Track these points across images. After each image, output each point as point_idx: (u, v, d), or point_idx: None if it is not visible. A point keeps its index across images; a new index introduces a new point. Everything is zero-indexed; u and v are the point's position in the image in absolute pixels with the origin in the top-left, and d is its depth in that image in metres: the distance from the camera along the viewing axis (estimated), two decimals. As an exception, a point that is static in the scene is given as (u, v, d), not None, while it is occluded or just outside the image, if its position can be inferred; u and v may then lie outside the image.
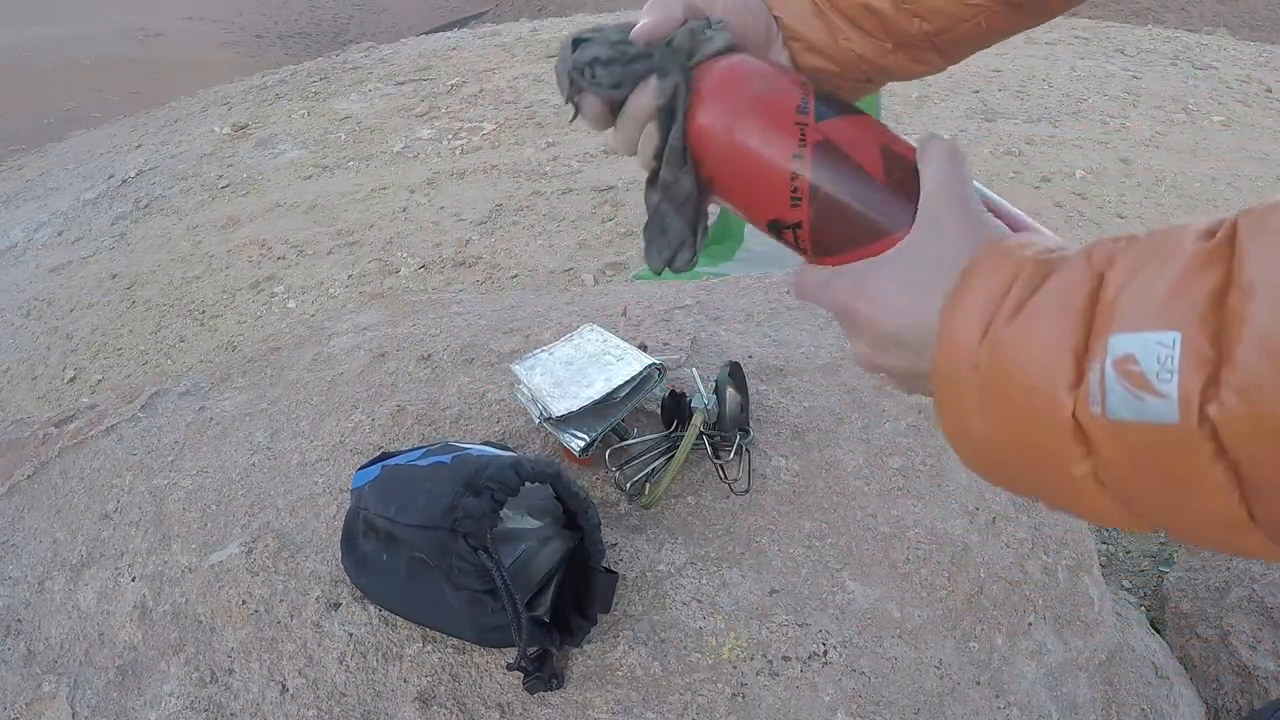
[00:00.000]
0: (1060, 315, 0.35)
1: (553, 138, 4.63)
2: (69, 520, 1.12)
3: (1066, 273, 0.37)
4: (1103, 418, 0.33)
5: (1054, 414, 0.35)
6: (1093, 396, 0.33)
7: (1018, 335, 0.36)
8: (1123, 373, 0.33)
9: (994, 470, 0.41)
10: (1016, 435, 0.37)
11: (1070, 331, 0.35)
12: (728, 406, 1.06)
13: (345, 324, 1.47)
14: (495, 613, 0.79)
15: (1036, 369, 0.35)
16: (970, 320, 0.39)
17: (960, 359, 0.39)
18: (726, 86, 0.49)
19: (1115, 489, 0.35)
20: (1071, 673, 1.02)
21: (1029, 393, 0.36)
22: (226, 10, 11.42)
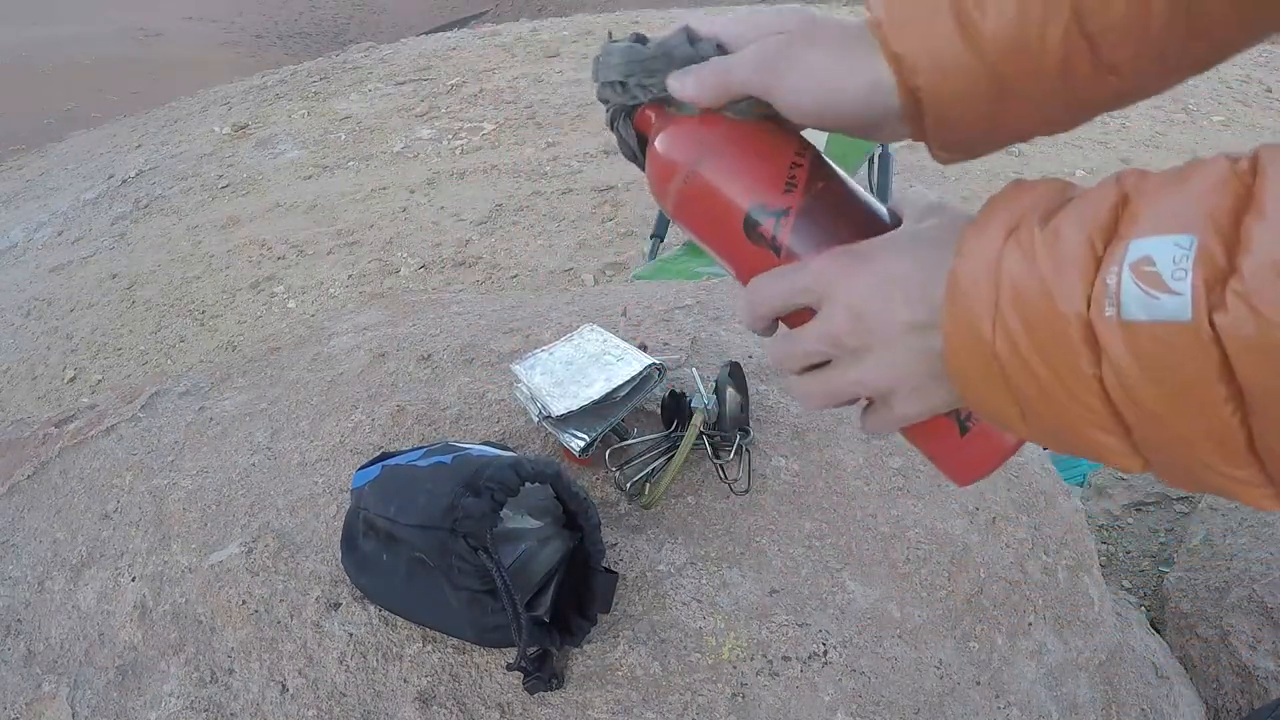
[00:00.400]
0: (1084, 223, 0.36)
1: (553, 138, 4.63)
2: (69, 520, 1.12)
3: (1096, 189, 0.37)
4: (1116, 319, 0.33)
5: (1069, 315, 0.35)
6: (1108, 299, 0.34)
7: (1044, 239, 0.36)
8: (1139, 273, 0.33)
9: (999, 387, 0.39)
10: (1028, 339, 0.37)
11: (1092, 238, 0.35)
12: (728, 406, 1.06)
13: (345, 324, 1.47)
14: (495, 613, 0.79)
15: (1056, 272, 0.35)
16: (996, 229, 0.38)
17: (981, 260, 0.38)
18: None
19: (1118, 396, 0.35)
20: (1071, 673, 1.02)
21: (1045, 295, 0.35)
22: (226, 10, 11.43)
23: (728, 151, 0.48)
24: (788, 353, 0.46)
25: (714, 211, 0.48)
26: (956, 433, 0.48)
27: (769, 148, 0.48)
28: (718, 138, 0.48)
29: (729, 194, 0.47)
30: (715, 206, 0.48)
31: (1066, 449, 0.39)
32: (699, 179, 0.48)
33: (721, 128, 0.48)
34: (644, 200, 3.86)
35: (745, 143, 0.48)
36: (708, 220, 0.49)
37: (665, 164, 0.49)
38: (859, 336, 0.43)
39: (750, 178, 0.47)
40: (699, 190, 0.48)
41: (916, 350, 0.42)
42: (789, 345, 0.46)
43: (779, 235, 0.46)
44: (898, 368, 0.43)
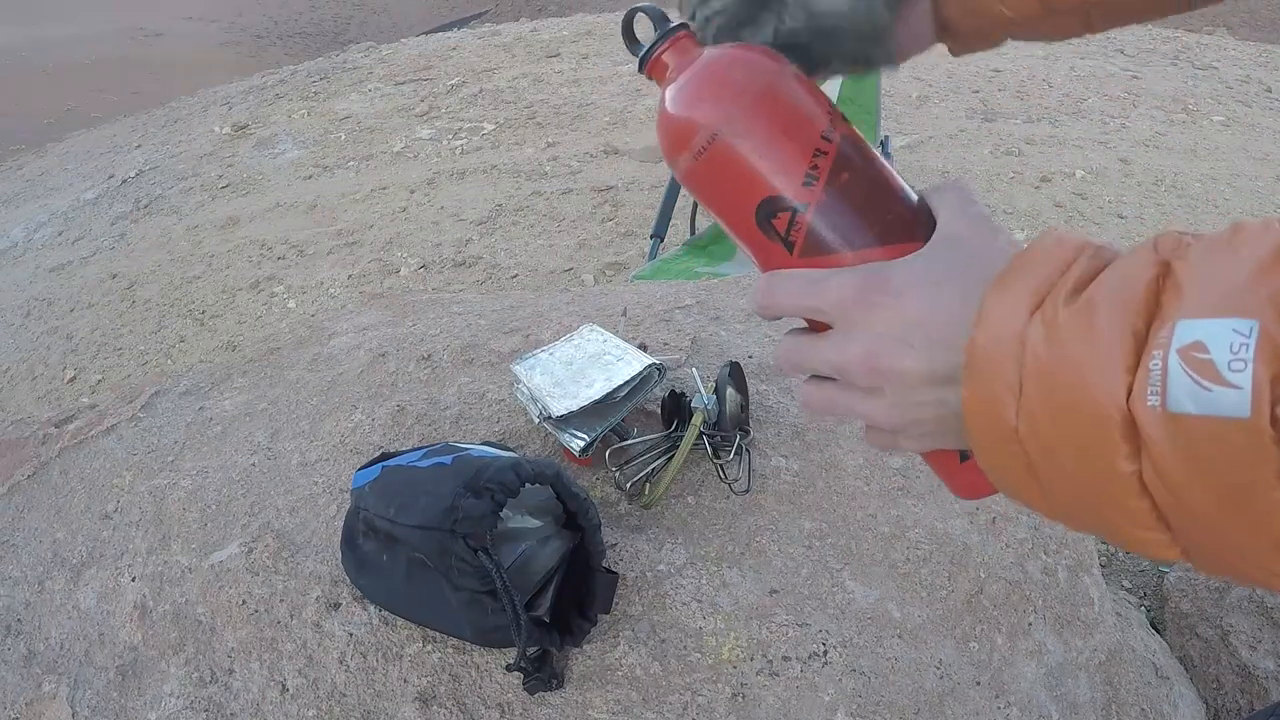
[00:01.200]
0: (1122, 300, 0.32)
1: (553, 138, 4.63)
2: (69, 520, 1.12)
3: (1131, 258, 0.33)
4: (1161, 409, 0.30)
5: (1105, 403, 0.31)
6: (1152, 387, 0.30)
7: (1074, 318, 0.33)
8: (1189, 360, 0.29)
9: (1021, 470, 0.36)
10: (1056, 424, 0.33)
11: (1131, 317, 0.31)
12: (728, 406, 1.06)
13: (345, 324, 1.47)
14: (495, 613, 0.79)
15: (1089, 355, 0.32)
16: (1021, 297, 0.35)
17: (1004, 335, 0.35)
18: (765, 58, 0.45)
19: (1161, 497, 0.31)
20: (1071, 673, 1.02)
21: (1077, 380, 0.32)
22: (226, 10, 11.43)
23: (750, 122, 0.43)
24: (795, 360, 0.44)
25: (727, 193, 0.44)
26: (956, 459, 0.45)
27: (794, 122, 0.43)
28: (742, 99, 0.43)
29: (744, 178, 0.43)
30: (729, 188, 0.44)
31: (1091, 533, 0.36)
32: (715, 153, 0.43)
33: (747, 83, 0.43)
34: (644, 200, 3.86)
35: (770, 113, 0.43)
36: (719, 199, 0.45)
37: (684, 118, 0.44)
38: (872, 378, 0.40)
39: (770, 163, 0.42)
40: (713, 165, 0.44)
41: (932, 403, 0.40)
42: (798, 354, 0.43)
43: (793, 233, 0.43)
44: (910, 415, 0.41)
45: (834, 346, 0.41)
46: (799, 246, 0.43)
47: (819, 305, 0.41)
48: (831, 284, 0.41)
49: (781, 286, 0.43)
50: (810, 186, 0.42)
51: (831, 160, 0.42)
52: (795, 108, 0.43)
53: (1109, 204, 3.77)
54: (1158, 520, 0.32)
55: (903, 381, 0.40)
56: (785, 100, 0.43)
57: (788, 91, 0.44)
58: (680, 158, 0.45)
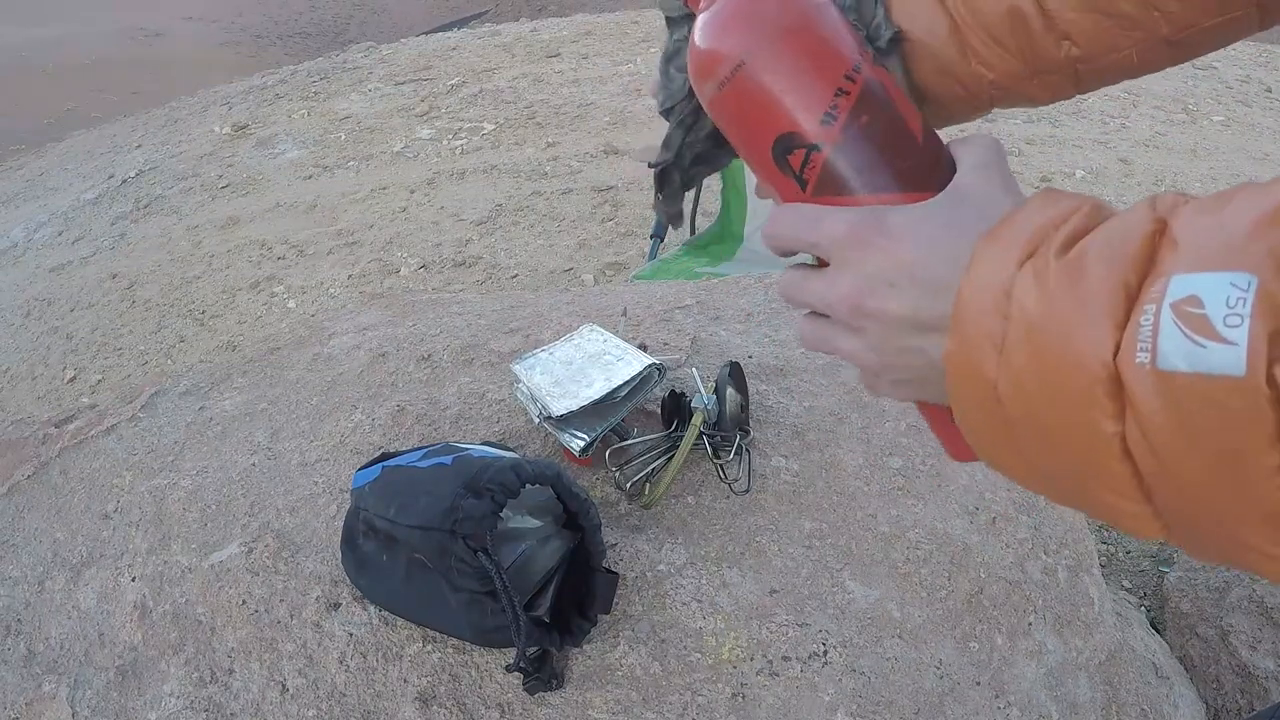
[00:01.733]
0: (1115, 254, 0.31)
1: (553, 138, 4.63)
2: (69, 520, 1.12)
3: (1128, 214, 0.32)
4: (1150, 367, 0.28)
5: (1090, 360, 0.30)
6: (1141, 343, 0.29)
7: (1063, 271, 0.32)
8: (1182, 315, 0.28)
9: (999, 429, 0.35)
10: (1038, 384, 0.32)
11: (1124, 271, 0.30)
12: (728, 406, 1.06)
13: (345, 324, 1.47)
14: (495, 614, 0.79)
15: (1077, 309, 0.30)
16: (1011, 248, 0.34)
17: (990, 286, 0.34)
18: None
19: (1145, 462, 0.30)
20: (1071, 673, 1.02)
21: (1063, 334, 0.31)
22: (226, 10, 11.42)
23: (775, 55, 0.42)
24: (791, 294, 0.44)
25: (747, 125, 0.44)
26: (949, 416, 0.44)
27: (820, 59, 0.42)
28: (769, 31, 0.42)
29: (764, 111, 0.42)
30: (749, 120, 0.43)
31: (1072, 505, 0.35)
32: (738, 83, 0.43)
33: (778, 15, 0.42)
34: (644, 200, 3.86)
35: (796, 48, 0.42)
36: (739, 130, 0.45)
37: (712, 47, 0.44)
38: (856, 318, 0.40)
39: (790, 98, 0.42)
40: (735, 96, 0.43)
41: (913, 349, 0.39)
42: (794, 288, 0.44)
43: (807, 171, 0.42)
44: (889, 359, 0.40)
45: (825, 282, 0.41)
46: (812, 185, 0.42)
47: (816, 240, 0.41)
48: (829, 220, 0.41)
49: (785, 219, 0.43)
50: (828, 125, 0.41)
51: (854, 101, 0.41)
52: (823, 43, 0.42)
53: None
54: (1139, 489, 0.31)
55: (885, 324, 0.39)
56: (814, 35, 0.42)
57: (818, 26, 0.43)
58: (705, 86, 0.44)
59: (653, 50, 5.95)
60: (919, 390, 0.42)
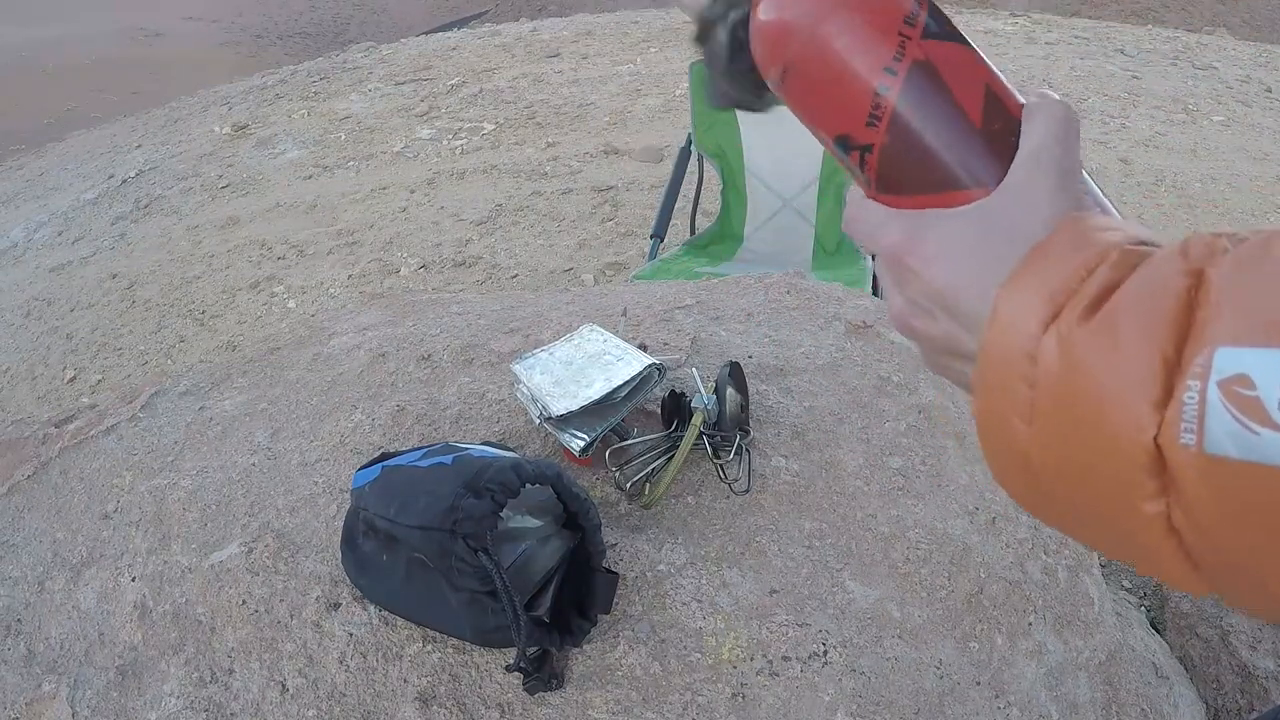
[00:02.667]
0: (1149, 317, 0.29)
1: (553, 138, 4.63)
2: (69, 520, 1.12)
3: (1159, 265, 0.30)
4: (1197, 450, 0.26)
5: (1128, 439, 0.28)
6: (1186, 423, 0.27)
7: (1093, 337, 0.30)
8: (1232, 397, 0.26)
9: (1028, 487, 0.34)
10: (1070, 453, 0.31)
11: (1160, 339, 0.28)
12: (728, 406, 1.06)
13: (345, 324, 1.47)
14: (495, 614, 0.79)
15: (1112, 383, 0.29)
16: (1034, 305, 0.32)
17: (1014, 349, 0.32)
18: None
19: (1192, 541, 0.28)
20: (1071, 673, 1.02)
21: (1097, 408, 0.29)
22: (226, 10, 11.42)
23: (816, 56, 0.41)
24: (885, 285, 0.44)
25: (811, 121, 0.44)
26: None
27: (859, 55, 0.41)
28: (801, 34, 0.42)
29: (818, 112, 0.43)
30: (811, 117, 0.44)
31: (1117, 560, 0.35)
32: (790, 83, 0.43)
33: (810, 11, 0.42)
34: (644, 200, 3.86)
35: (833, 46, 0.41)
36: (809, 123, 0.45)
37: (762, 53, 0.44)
38: (905, 332, 0.42)
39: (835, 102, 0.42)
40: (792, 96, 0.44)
41: (956, 370, 0.40)
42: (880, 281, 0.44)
43: (866, 170, 0.42)
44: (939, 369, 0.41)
45: (887, 289, 0.42)
46: (874, 182, 0.43)
47: (874, 250, 0.42)
48: (882, 235, 0.41)
49: (856, 219, 0.43)
50: (873, 128, 0.41)
51: (895, 97, 0.40)
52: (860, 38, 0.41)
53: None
54: (1185, 560, 0.29)
55: (928, 345, 0.40)
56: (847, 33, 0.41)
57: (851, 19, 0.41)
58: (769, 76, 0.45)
59: (653, 50, 5.95)
60: None
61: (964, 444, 1.15)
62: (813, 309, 1.38)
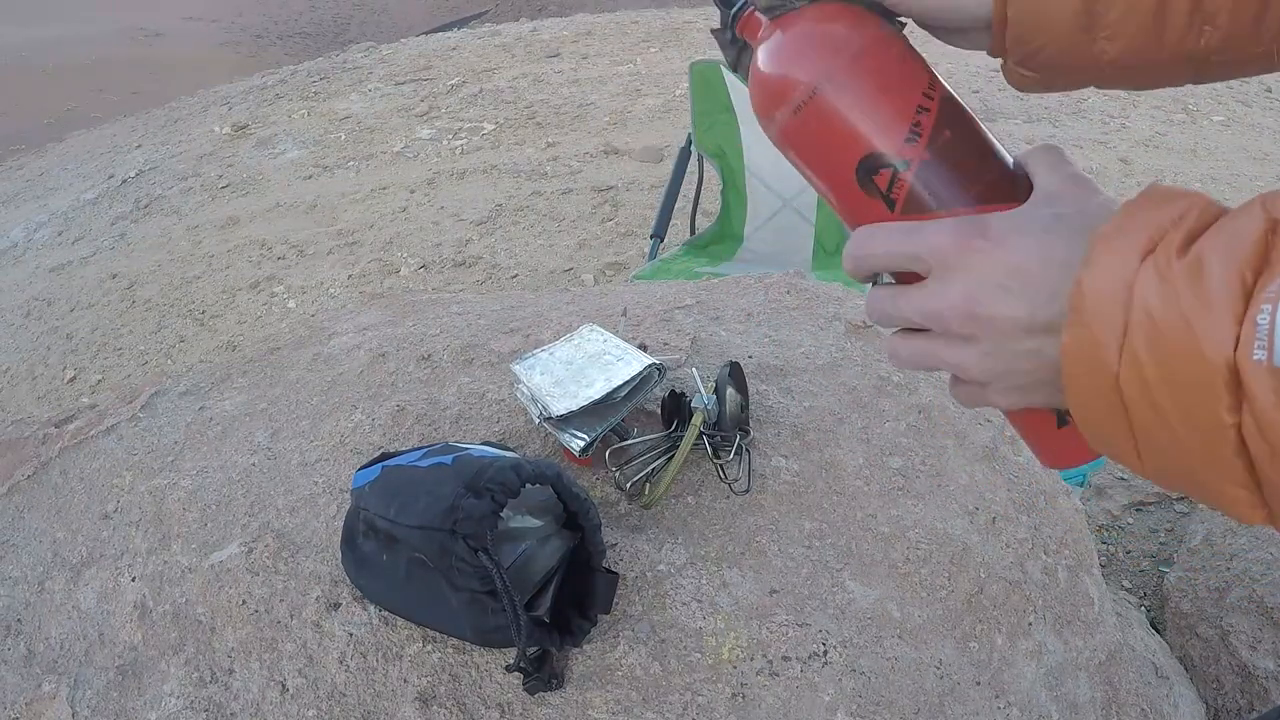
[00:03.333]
0: (1232, 253, 0.32)
1: (553, 138, 4.63)
2: (69, 520, 1.12)
3: (1241, 214, 0.33)
4: (1268, 363, 0.30)
5: (1210, 353, 0.31)
6: (1259, 340, 0.30)
7: (1185, 269, 0.33)
8: None
9: (1117, 417, 0.36)
10: (1160, 375, 0.33)
11: (1241, 269, 0.32)
12: (728, 406, 1.06)
13: (345, 324, 1.47)
14: (495, 614, 0.79)
15: (1198, 306, 0.32)
16: (1132, 244, 0.35)
17: (1114, 280, 0.35)
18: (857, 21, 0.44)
19: (1259, 451, 0.31)
20: (1071, 673, 1.02)
21: (1185, 329, 0.32)
22: (226, 10, 11.42)
23: (852, 77, 0.42)
24: (887, 313, 0.43)
25: (825, 149, 0.44)
26: (1053, 423, 0.44)
27: (897, 79, 0.43)
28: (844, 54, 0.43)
29: (845, 134, 0.42)
30: (828, 144, 0.43)
31: (1182, 490, 0.37)
32: (814, 108, 0.43)
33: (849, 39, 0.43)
34: (644, 200, 3.86)
35: (872, 69, 0.43)
36: (817, 155, 0.44)
37: (783, 74, 0.44)
38: (968, 325, 0.40)
39: (872, 118, 0.42)
40: (812, 122, 0.43)
41: (1028, 353, 0.39)
42: (890, 306, 0.43)
43: (895, 190, 0.42)
44: (1003, 364, 0.40)
45: (931, 293, 0.41)
46: (900, 203, 0.42)
47: (917, 251, 0.41)
48: (930, 230, 0.41)
49: (879, 235, 0.42)
50: (913, 144, 0.42)
51: (934, 118, 0.42)
52: (898, 64, 0.43)
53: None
54: (1251, 478, 0.32)
55: (1000, 329, 0.39)
56: (887, 57, 0.43)
57: (889, 48, 0.43)
58: (777, 114, 0.44)
59: (653, 50, 5.95)
60: (1030, 395, 0.42)
61: (964, 444, 1.15)
62: (813, 309, 1.38)
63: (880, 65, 0.43)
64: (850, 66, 0.43)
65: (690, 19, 6.68)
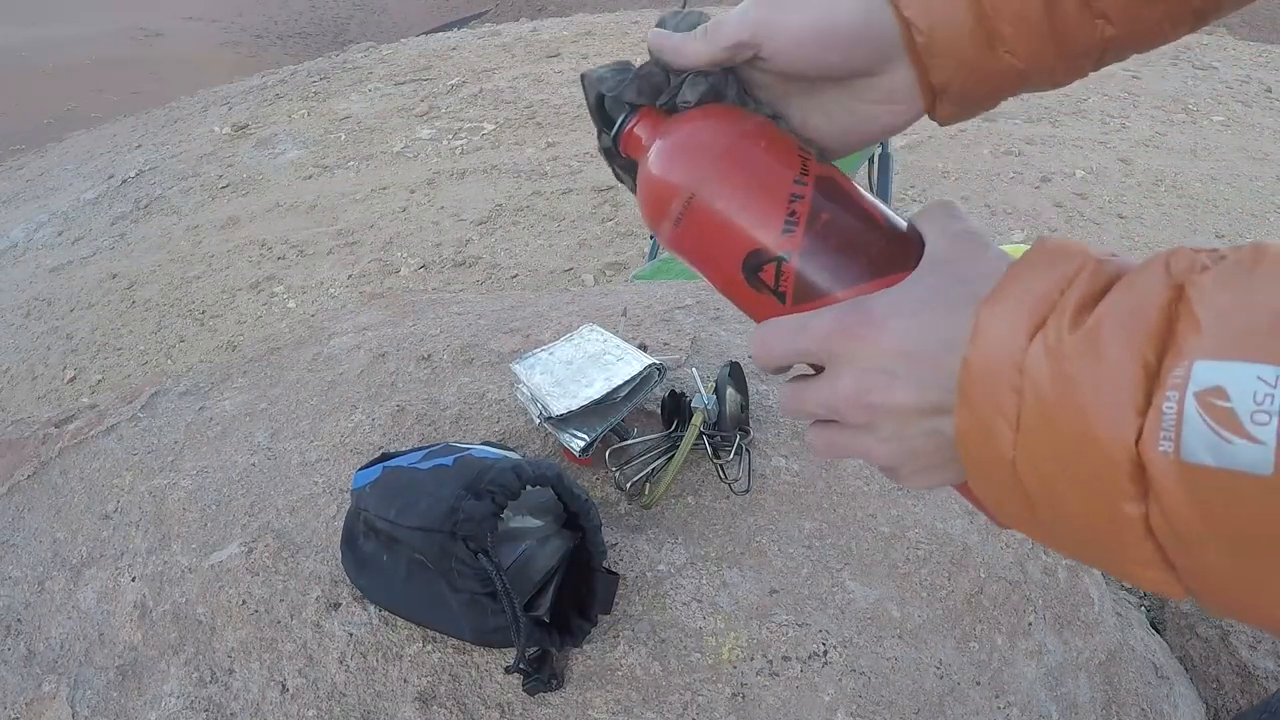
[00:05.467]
0: (1132, 327, 0.30)
1: (553, 138, 4.63)
2: (69, 520, 1.12)
3: (1140, 278, 0.31)
4: (1174, 457, 0.28)
5: (1111, 444, 0.30)
6: (1164, 431, 0.28)
7: (1079, 346, 0.31)
8: (1207, 407, 0.27)
9: (1020, 503, 0.35)
10: (1057, 458, 0.32)
11: (1142, 348, 0.29)
12: (728, 406, 1.06)
13: (345, 324, 1.47)
14: (495, 615, 0.79)
15: (1096, 390, 0.30)
16: (1019, 316, 0.33)
17: (1001, 360, 0.33)
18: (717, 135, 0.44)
19: (1170, 544, 0.30)
20: (1071, 673, 1.02)
21: (1081, 417, 0.30)
22: (226, 10, 11.42)
23: (721, 178, 0.43)
24: (794, 406, 0.43)
25: (712, 253, 0.44)
26: None
27: (766, 171, 0.42)
28: (709, 156, 0.43)
29: (725, 236, 0.43)
30: (712, 248, 0.43)
31: (1095, 568, 0.35)
32: (693, 215, 0.43)
33: (713, 140, 0.43)
34: (644, 200, 3.86)
35: (739, 165, 0.43)
36: (706, 261, 0.45)
37: (659, 187, 0.44)
38: (863, 414, 0.39)
39: (747, 216, 0.42)
40: (693, 228, 0.43)
41: (925, 432, 0.38)
42: (795, 400, 0.43)
43: (782, 283, 0.42)
44: (903, 447, 0.39)
45: (825, 385, 0.40)
46: (790, 295, 0.42)
47: (805, 346, 0.40)
48: (814, 323, 0.40)
49: (772, 335, 0.42)
50: (790, 234, 0.41)
51: (808, 203, 0.41)
52: (765, 155, 0.43)
53: (1109, 204, 3.77)
54: (1163, 561, 0.31)
55: (893, 414, 0.38)
56: (753, 151, 0.43)
57: (754, 141, 0.43)
58: (662, 226, 0.45)
59: (653, 50, 5.95)
60: (943, 474, 0.40)
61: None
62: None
63: (747, 160, 0.42)
64: (717, 167, 0.43)
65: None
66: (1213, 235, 3.56)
